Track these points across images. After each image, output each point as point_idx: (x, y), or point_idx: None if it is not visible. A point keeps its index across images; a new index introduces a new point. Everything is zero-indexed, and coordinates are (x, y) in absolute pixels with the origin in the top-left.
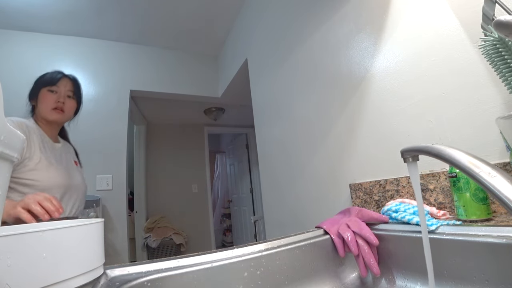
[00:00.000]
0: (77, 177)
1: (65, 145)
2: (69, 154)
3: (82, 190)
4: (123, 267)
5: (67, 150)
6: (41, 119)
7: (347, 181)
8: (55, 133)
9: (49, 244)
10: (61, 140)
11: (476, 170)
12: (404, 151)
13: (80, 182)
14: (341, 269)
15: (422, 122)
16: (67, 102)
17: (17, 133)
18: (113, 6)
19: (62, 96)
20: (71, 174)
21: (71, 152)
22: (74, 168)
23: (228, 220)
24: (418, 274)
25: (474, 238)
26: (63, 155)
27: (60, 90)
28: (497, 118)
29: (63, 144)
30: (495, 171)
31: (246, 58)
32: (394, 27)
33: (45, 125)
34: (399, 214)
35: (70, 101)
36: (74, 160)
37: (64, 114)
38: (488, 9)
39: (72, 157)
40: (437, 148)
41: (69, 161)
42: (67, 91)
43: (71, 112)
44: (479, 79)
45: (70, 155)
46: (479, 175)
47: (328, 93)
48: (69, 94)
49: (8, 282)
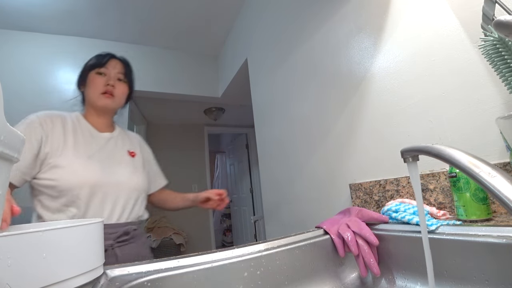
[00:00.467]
0: (122, 173)
1: (121, 135)
2: (122, 144)
3: (129, 188)
4: (123, 267)
5: (122, 140)
6: (90, 107)
7: (347, 181)
8: (106, 121)
9: (49, 244)
10: (117, 129)
11: (476, 170)
12: (404, 151)
13: (125, 178)
14: (341, 269)
15: (422, 122)
16: (117, 86)
17: (17, 133)
18: (113, 6)
19: (111, 78)
20: (112, 170)
21: (127, 143)
22: (123, 161)
23: (228, 220)
24: (418, 274)
25: (474, 238)
26: (110, 147)
27: (109, 72)
28: (497, 118)
29: (118, 133)
30: (495, 171)
31: (246, 58)
32: (394, 27)
33: (93, 114)
34: (399, 214)
35: (121, 85)
36: (128, 151)
37: (114, 99)
38: (488, 9)
39: (126, 148)
40: (437, 148)
41: (117, 153)
42: (117, 74)
43: (123, 97)
44: (479, 79)
45: (123, 146)
46: (479, 175)
47: (328, 93)
48: (119, 77)
49: (8, 282)
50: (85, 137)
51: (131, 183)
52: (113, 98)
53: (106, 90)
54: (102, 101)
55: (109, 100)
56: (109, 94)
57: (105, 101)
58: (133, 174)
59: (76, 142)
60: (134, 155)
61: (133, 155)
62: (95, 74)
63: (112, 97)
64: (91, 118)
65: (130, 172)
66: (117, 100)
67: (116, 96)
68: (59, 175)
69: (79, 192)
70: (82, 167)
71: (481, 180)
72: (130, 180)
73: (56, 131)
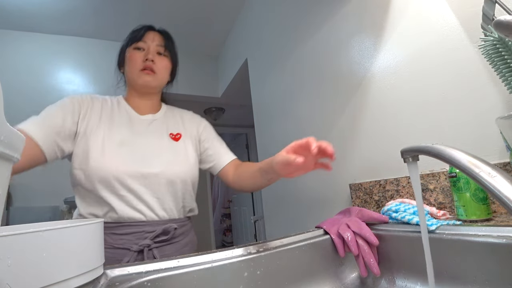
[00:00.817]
0: (157, 163)
1: (166, 116)
2: (165, 127)
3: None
4: (123, 267)
5: (166, 122)
6: (131, 88)
7: (347, 181)
8: (149, 102)
9: (49, 244)
10: (163, 109)
11: (476, 170)
12: (404, 151)
13: (162, 169)
14: (341, 269)
15: (422, 122)
16: (157, 61)
17: (17, 133)
18: (112, 6)
19: (150, 52)
20: (146, 159)
21: (171, 124)
22: (162, 147)
23: (228, 220)
24: (418, 274)
25: (474, 238)
26: (150, 131)
27: (148, 46)
28: (497, 118)
29: (164, 115)
30: (495, 171)
31: (246, 58)
32: (394, 27)
33: (135, 95)
34: (399, 214)
35: (162, 60)
36: (171, 134)
37: (155, 76)
38: (488, 9)
39: (170, 130)
40: (437, 148)
41: (156, 139)
42: (156, 47)
43: (165, 73)
44: (479, 79)
45: (166, 128)
46: (479, 175)
47: (329, 93)
48: (159, 51)
49: (8, 282)
50: (122, 121)
51: (168, 174)
52: (154, 74)
53: (145, 66)
54: (142, 79)
55: (150, 77)
56: (149, 70)
57: (145, 78)
58: (172, 163)
59: (111, 126)
60: (178, 138)
61: (177, 138)
62: (132, 50)
63: (152, 73)
64: (132, 100)
65: (168, 161)
66: (159, 76)
67: (158, 72)
68: (87, 162)
69: (107, 183)
70: (110, 156)
71: (481, 180)
72: (168, 170)
73: (94, 111)
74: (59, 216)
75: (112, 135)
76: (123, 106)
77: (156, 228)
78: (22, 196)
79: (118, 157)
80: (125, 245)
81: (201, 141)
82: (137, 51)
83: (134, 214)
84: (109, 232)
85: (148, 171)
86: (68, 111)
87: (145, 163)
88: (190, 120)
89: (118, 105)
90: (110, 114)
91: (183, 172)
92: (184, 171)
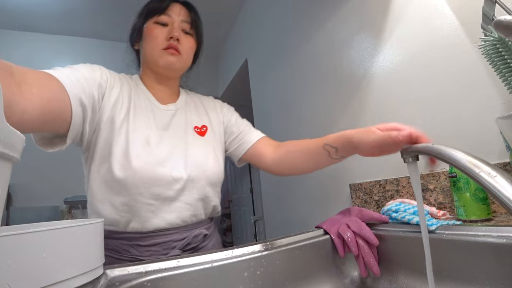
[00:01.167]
0: (186, 164)
1: (187, 104)
2: (189, 119)
3: (198, 181)
4: (123, 267)
5: (188, 113)
6: (148, 70)
7: (347, 181)
8: (170, 88)
9: (49, 244)
10: (182, 95)
11: (476, 170)
12: (404, 151)
13: (191, 172)
14: (341, 269)
15: (422, 121)
16: (183, 40)
17: (17, 133)
18: (112, 6)
19: (175, 29)
20: (176, 163)
21: (193, 115)
22: (189, 144)
23: (228, 220)
24: (418, 274)
25: (474, 238)
26: (174, 124)
27: (173, 21)
28: (497, 118)
29: (184, 103)
30: (495, 171)
31: (246, 58)
32: (394, 27)
33: (153, 79)
34: (399, 214)
35: (188, 39)
36: (196, 127)
37: (180, 57)
38: (488, 9)
39: (193, 123)
40: (437, 148)
41: (181, 135)
42: (181, 23)
43: (190, 55)
44: (479, 79)
45: (190, 121)
46: (479, 175)
47: (329, 92)
48: (184, 28)
49: (8, 282)
50: (145, 111)
51: (198, 177)
52: (179, 55)
53: (169, 45)
54: (165, 59)
55: (174, 57)
56: (173, 50)
57: (168, 58)
58: (203, 165)
59: (134, 118)
60: (204, 131)
61: (203, 132)
62: (153, 24)
63: (177, 53)
64: (150, 84)
65: (198, 163)
66: (184, 57)
67: (183, 53)
68: (110, 162)
69: (133, 190)
70: (134, 158)
71: (481, 180)
72: (198, 174)
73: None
74: (59, 216)
75: (135, 130)
76: (143, 91)
77: (185, 235)
78: (22, 196)
79: (143, 159)
80: (152, 256)
81: (226, 128)
82: (159, 26)
83: (160, 223)
84: (133, 243)
85: (175, 175)
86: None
87: (173, 165)
88: (212, 107)
89: (136, 88)
90: (132, 101)
91: (214, 173)
92: (214, 172)
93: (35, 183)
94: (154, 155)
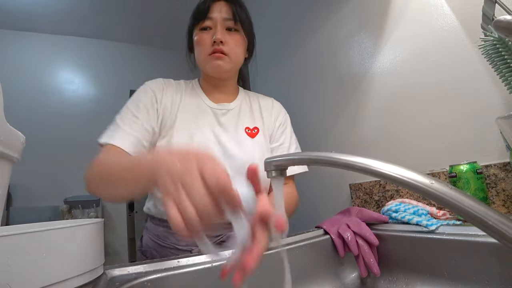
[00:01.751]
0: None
1: (243, 104)
2: (241, 119)
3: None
4: (123, 267)
5: (242, 113)
6: (203, 74)
7: (347, 181)
8: (224, 89)
9: (49, 244)
10: (240, 96)
11: (345, 158)
12: (267, 164)
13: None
14: (341, 269)
15: (422, 121)
16: (228, 39)
17: (17, 133)
18: (112, 6)
19: (218, 31)
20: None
21: (247, 115)
22: (235, 146)
23: None
24: (418, 274)
25: (474, 238)
26: (223, 124)
27: (215, 22)
28: (497, 118)
29: (240, 103)
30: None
31: None
32: (394, 27)
33: (207, 81)
34: (399, 214)
35: (233, 36)
36: (247, 128)
37: (227, 59)
38: (488, 9)
39: (245, 123)
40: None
41: (229, 135)
42: (224, 22)
43: (239, 52)
44: (479, 79)
45: (242, 121)
46: (342, 160)
47: (329, 92)
48: (228, 26)
49: (8, 282)
50: (191, 111)
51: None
52: (225, 57)
53: (214, 50)
54: (211, 64)
55: (221, 60)
56: (218, 53)
57: (214, 63)
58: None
59: (181, 118)
60: (256, 133)
61: (254, 134)
62: (199, 31)
63: (223, 56)
64: (206, 86)
65: (243, 165)
66: (232, 57)
67: (230, 53)
68: None
69: None
70: None
71: (348, 162)
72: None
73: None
74: (59, 216)
75: (180, 129)
76: (197, 92)
77: (220, 232)
78: (22, 196)
79: None
80: (187, 247)
81: (271, 134)
82: (204, 32)
83: None
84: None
85: None
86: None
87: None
88: (270, 109)
89: (191, 90)
90: (182, 102)
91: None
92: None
93: (35, 183)
94: None
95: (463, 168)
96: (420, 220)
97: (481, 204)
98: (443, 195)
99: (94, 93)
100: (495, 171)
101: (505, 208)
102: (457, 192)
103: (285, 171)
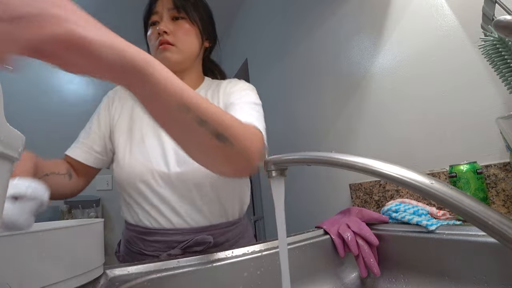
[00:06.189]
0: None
1: (208, 94)
2: None
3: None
4: (123, 267)
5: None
6: None
7: (347, 181)
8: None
9: (49, 244)
10: (202, 85)
11: (336, 156)
12: (267, 164)
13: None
14: (341, 269)
15: (422, 122)
16: (174, 28)
17: (17, 133)
18: (112, 6)
19: (163, 23)
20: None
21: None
22: None
23: None
24: (418, 274)
25: (474, 238)
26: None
27: (161, 15)
28: (497, 118)
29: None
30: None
31: (246, 58)
32: (394, 27)
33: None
34: (399, 214)
35: (179, 25)
36: None
37: (174, 48)
38: (488, 9)
39: None
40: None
41: None
42: (169, 12)
43: (188, 40)
44: (479, 79)
45: None
46: (333, 158)
47: (328, 93)
48: (173, 15)
49: (8, 282)
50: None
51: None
52: (171, 47)
53: (159, 42)
54: (160, 57)
55: (168, 51)
56: (164, 44)
57: (162, 55)
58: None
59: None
60: None
61: None
62: (149, 27)
63: (169, 46)
64: None
65: None
66: (180, 46)
67: (177, 42)
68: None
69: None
70: (129, 155)
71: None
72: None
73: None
74: (59, 216)
75: (133, 128)
76: None
77: (187, 237)
78: None
79: (137, 155)
80: (155, 252)
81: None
82: (152, 27)
83: (161, 221)
84: (140, 237)
85: (173, 171)
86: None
87: (169, 160)
88: (225, 89)
89: None
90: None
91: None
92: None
93: None
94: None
95: (463, 168)
96: (420, 220)
97: (481, 204)
98: (443, 195)
99: (94, 93)
100: (495, 171)
101: (505, 208)
102: (457, 192)
103: (285, 171)
